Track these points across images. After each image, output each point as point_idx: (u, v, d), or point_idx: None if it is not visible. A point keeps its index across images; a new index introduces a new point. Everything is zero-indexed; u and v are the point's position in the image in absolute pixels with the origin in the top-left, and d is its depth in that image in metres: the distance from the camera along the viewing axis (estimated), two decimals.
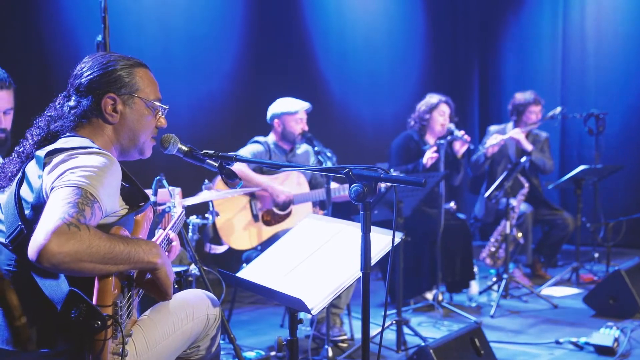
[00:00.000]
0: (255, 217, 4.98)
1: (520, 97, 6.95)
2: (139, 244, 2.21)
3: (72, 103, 2.46)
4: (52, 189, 2.12)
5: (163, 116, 2.63)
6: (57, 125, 2.42)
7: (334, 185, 5.04)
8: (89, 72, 2.47)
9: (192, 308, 2.68)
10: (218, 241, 4.94)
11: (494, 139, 6.55)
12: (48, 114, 2.49)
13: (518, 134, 6.76)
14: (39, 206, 2.17)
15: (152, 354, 2.49)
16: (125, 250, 2.13)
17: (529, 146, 6.75)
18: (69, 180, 2.11)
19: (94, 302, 2.11)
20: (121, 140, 2.52)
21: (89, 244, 2.00)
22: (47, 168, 2.21)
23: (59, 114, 2.46)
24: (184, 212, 3.32)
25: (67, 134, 2.41)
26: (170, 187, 3.71)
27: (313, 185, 5.29)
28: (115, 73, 2.48)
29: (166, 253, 2.86)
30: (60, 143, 2.33)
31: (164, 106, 2.62)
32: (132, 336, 2.37)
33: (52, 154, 2.26)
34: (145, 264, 2.23)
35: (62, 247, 1.95)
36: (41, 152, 2.28)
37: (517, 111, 6.95)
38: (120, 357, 2.19)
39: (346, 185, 4.97)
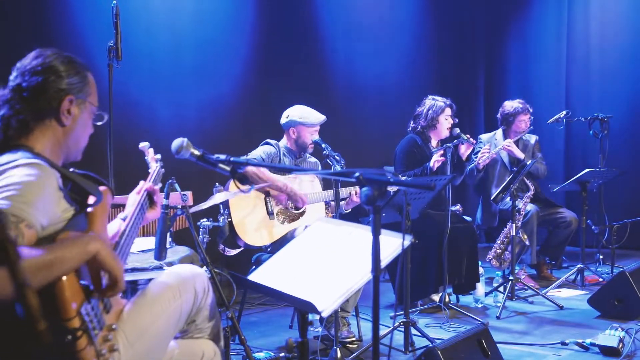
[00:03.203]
0: (270, 215, 5.04)
1: (509, 106, 7.06)
2: (66, 242, 2.17)
3: (23, 102, 2.40)
4: None
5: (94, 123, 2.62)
6: (11, 132, 2.38)
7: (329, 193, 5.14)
8: (50, 74, 2.43)
9: (178, 285, 2.68)
10: (232, 243, 4.99)
11: (484, 154, 6.56)
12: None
13: (510, 144, 6.83)
14: None
15: (144, 340, 2.51)
16: (48, 257, 2.06)
17: (520, 154, 6.84)
18: None
19: (59, 316, 2.12)
20: (68, 143, 2.50)
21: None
22: None
23: (11, 116, 2.39)
24: (159, 166, 3.29)
25: (12, 149, 2.35)
26: (142, 144, 3.45)
27: (324, 187, 5.36)
28: (74, 76, 2.48)
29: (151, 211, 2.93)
30: None
31: (105, 115, 2.63)
32: (120, 327, 2.40)
33: None
34: (83, 255, 2.18)
35: None
36: None
37: (506, 121, 7.05)
38: (104, 358, 2.22)
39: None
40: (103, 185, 2.56)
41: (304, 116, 5.21)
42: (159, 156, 3.40)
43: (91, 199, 2.46)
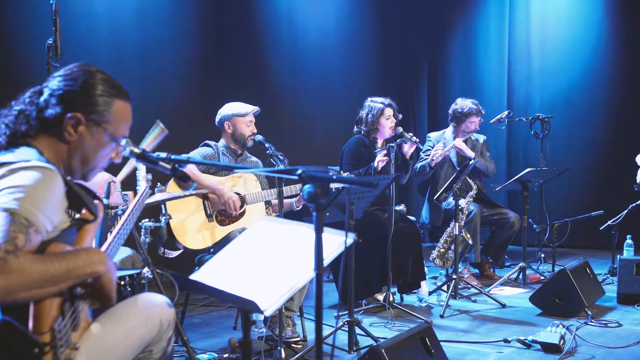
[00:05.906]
0: (209, 217, 5.00)
1: (462, 104, 7.08)
2: (77, 256, 2.17)
3: (42, 103, 2.38)
4: None
5: (121, 153, 2.56)
6: (21, 132, 2.35)
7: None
8: (70, 83, 2.39)
9: (145, 314, 2.65)
10: (172, 245, 4.93)
11: (437, 151, 6.64)
12: (16, 108, 2.40)
13: (460, 143, 6.91)
14: None
15: None
16: (62, 267, 2.09)
17: (471, 153, 6.91)
18: (5, 204, 2.06)
19: (30, 328, 2.08)
20: (71, 160, 2.43)
21: (20, 274, 1.96)
22: None
23: (25, 113, 2.38)
24: (148, 187, 3.25)
25: (22, 145, 2.33)
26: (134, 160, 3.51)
27: (269, 186, 5.35)
28: (93, 97, 2.41)
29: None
30: (8, 156, 2.26)
31: (125, 146, 2.53)
32: (83, 345, 2.35)
33: None
34: (89, 275, 2.21)
35: None
36: None
37: (457, 118, 7.09)
38: None
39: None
40: (95, 199, 2.51)
41: (235, 108, 5.27)
42: (150, 176, 3.34)
43: (84, 212, 2.40)
